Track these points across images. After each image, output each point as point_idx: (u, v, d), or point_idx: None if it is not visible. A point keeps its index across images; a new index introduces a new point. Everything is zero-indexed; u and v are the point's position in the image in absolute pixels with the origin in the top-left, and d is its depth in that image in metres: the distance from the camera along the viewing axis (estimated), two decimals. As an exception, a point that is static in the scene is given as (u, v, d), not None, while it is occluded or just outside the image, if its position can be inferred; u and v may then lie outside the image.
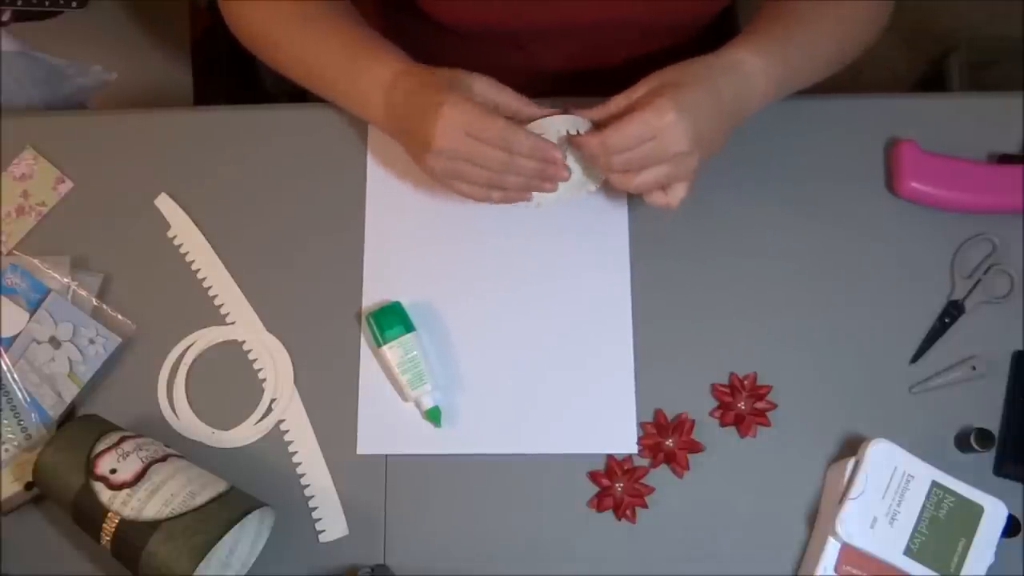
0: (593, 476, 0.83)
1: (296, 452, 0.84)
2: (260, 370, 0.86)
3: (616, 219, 0.89)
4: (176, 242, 0.89)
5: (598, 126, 0.78)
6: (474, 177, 0.76)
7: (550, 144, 0.76)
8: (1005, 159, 0.89)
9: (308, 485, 0.83)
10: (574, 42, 0.94)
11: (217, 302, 0.88)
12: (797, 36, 0.81)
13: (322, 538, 0.82)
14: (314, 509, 0.82)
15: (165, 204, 0.90)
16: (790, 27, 0.82)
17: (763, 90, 0.78)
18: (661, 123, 0.72)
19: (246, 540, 0.80)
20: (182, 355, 0.86)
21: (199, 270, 0.88)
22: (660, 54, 0.98)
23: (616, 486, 0.82)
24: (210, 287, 0.88)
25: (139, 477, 0.74)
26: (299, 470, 0.83)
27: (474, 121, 0.73)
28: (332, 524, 0.82)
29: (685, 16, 0.93)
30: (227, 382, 0.86)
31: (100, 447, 0.76)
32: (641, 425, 0.84)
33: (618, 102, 0.77)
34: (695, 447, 0.84)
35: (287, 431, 0.84)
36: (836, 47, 0.84)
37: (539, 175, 0.77)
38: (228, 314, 0.87)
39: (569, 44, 0.94)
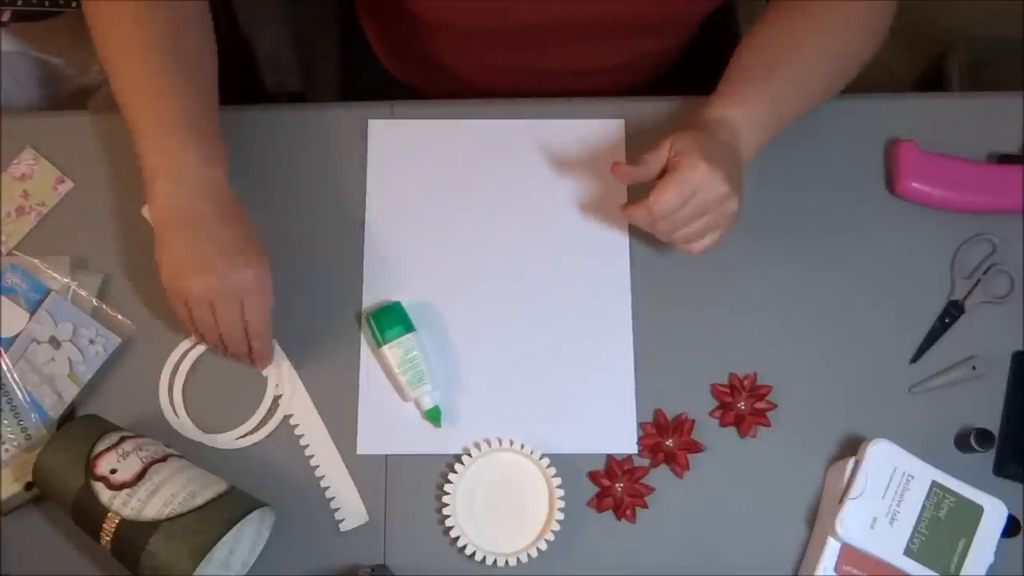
0: (593, 476, 0.83)
1: (308, 445, 0.84)
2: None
3: (616, 220, 0.89)
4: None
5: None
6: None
7: (246, 359, 0.82)
8: (1005, 159, 0.89)
9: (323, 476, 0.83)
10: (564, 41, 0.94)
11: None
12: (781, 71, 0.80)
13: (342, 527, 0.82)
14: (332, 499, 0.83)
15: None
16: (772, 63, 0.81)
17: (753, 140, 0.79)
18: (697, 175, 0.73)
19: (246, 540, 0.80)
20: (184, 355, 0.86)
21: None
22: (653, 54, 0.98)
23: (616, 486, 0.82)
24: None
25: (139, 477, 0.74)
26: (312, 462, 0.83)
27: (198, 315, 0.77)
28: (351, 512, 0.82)
29: (677, 13, 0.92)
30: (229, 381, 0.86)
31: (100, 447, 0.76)
32: (641, 425, 0.84)
33: (651, 163, 0.77)
34: (695, 447, 0.84)
35: (296, 425, 0.84)
36: (830, 66, 0.83)
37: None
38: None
39: (559, 43, 0.94)
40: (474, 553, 0.80)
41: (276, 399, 0.85)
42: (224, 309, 0.77)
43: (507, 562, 0.80)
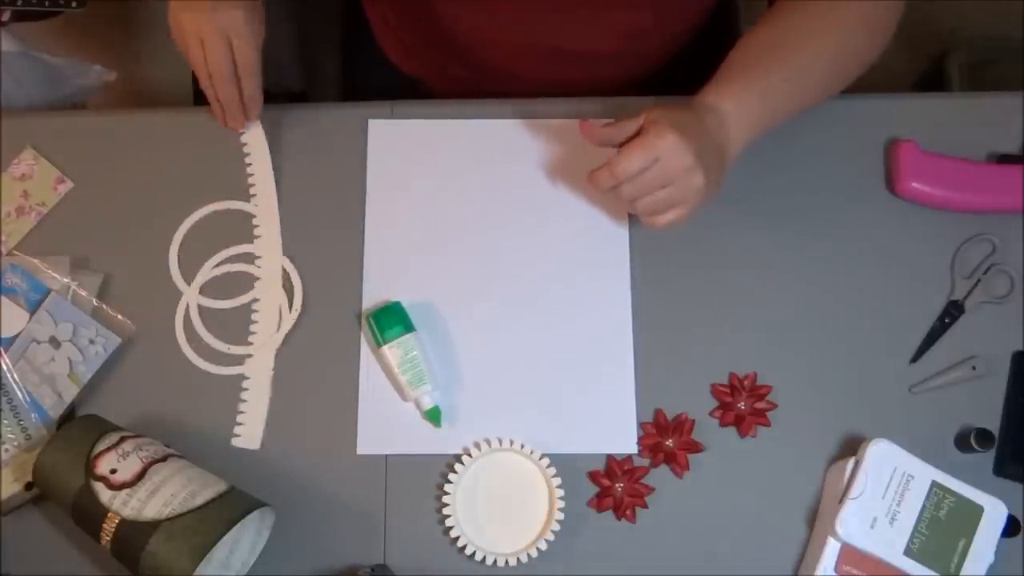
0: (593, 476, 0.83)
1: (251, 358, 0.86)
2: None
3: (616, 219, 0.89)
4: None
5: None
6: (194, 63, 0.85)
7: (238, 108, 0.86)
8: (1005, 159, 0.89)
9: (246, 390, 0.85)
10: (577, 7, 0.93)
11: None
12: (777, 68, 0.80)
13: (234, 442, 0.84)
14: (241, 413, 0.84)
15: None
16: (769, 60, 0.81)
17: (741, 136, 0.79)
18: (663, 142, 0.74)
19: (246, 540, 0.80)
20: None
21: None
22: (655, 34, 0.97)
23: (616, 486, 0.82)
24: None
25: (139, 477, 0.74)
26: (245, 372, 0.86)
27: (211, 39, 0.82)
28: (248, 433, 0.84)
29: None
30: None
31: (100, 447, 0.76)
32: (641, 425, 0.84)
33: (624, 127, 0.78)
34: (695, 447, 0.84)
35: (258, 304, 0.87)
36: (829, 67, 0.82)
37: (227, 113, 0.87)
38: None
39: (570, 11, 0.93)
40: (474, 553, 0.80)
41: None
42: (211, 45, 0.82)
43: (507, 562, 0.80)
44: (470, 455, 0.82)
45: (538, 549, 0.80)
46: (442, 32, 0.99)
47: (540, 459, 0.82)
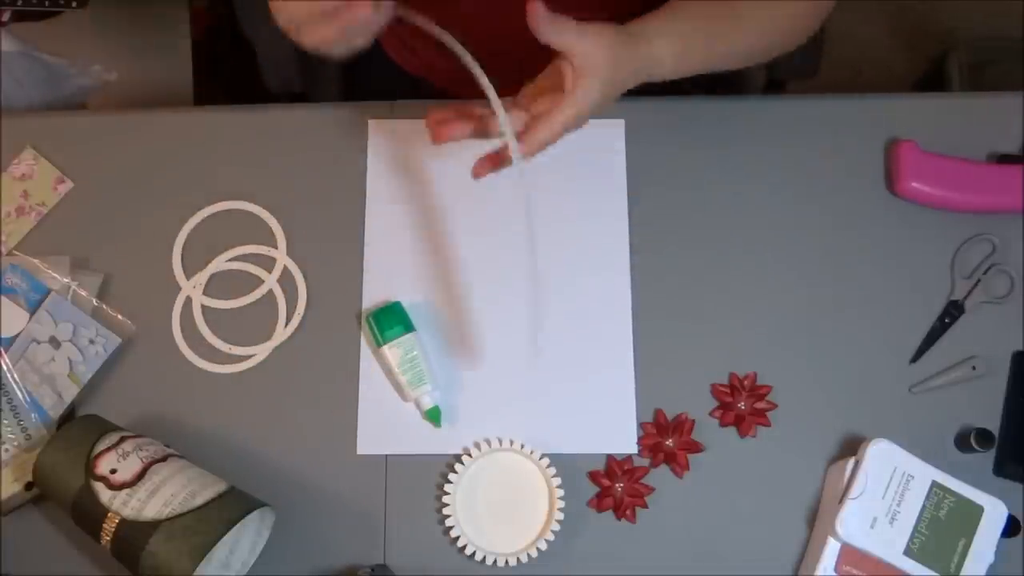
0: (593, 476, 0.83)
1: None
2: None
3: (616, 219, 0.89)
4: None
5: None
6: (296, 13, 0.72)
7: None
8: (1005, 159, 0.89)
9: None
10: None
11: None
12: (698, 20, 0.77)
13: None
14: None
15: None
16: (695, 15, 0.77)
17: (670, 68, 0.76)
18: (583, 111, 0.72)
19: (246, 540, 0.80)
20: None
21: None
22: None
23: (616, 486, 0.82)
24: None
25: (139, 477, 0.74)
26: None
27: None
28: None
29: None
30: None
31: (100, 447, 0.76)
32: (641, 425, 0.84)
33: (564, 37, 0.73)
34: (695, 447, 0.84)
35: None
36: (756, 37, 0.79)
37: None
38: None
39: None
40: (474, 553, 0.80)
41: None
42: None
43: (507, 562, 0.80)
44: (470, 455, 0.82)
45: (538, 549, 0.80)
46: (440, 20, 0.98)
47: (540, 459, 0.82)
